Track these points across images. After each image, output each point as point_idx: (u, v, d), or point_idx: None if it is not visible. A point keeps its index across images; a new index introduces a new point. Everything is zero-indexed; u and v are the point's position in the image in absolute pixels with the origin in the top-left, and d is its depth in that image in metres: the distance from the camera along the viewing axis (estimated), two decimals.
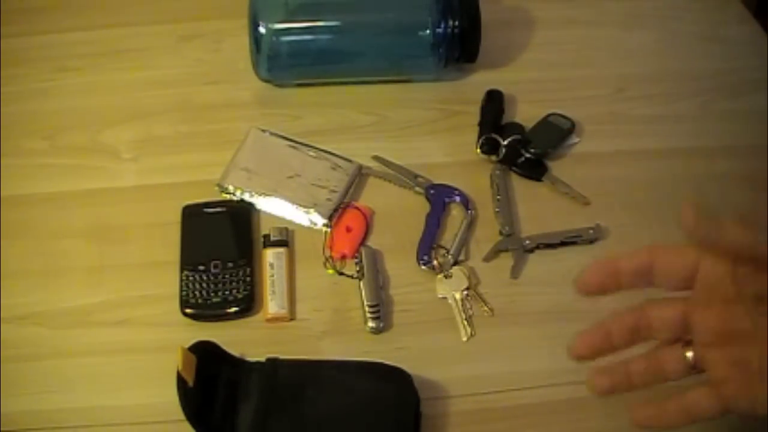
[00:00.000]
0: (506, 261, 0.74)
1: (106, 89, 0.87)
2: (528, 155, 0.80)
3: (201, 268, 0.71)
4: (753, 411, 0.44)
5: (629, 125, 0.85)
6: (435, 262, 0.73)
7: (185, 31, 0.92)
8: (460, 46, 0.83)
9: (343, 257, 0.74)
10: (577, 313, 0.70)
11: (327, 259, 0.73)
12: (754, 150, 0.81)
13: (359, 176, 0.79)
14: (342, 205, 0.76)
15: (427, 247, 0.74)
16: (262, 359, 0.64)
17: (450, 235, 0.75)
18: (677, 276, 0.46)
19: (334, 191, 0.77)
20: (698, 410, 0.46)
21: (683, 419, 0.47)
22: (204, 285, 0.70)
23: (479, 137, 0.81)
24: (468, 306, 0.71)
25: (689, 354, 0.47)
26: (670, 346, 0.48)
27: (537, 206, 0.78)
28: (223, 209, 0.75)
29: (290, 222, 0.76)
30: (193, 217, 0.75)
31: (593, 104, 0.86)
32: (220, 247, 0.73)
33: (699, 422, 0.46)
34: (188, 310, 0.69)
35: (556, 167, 0.80)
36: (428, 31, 0.82)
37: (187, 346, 0.62)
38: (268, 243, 0.73)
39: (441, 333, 0.69)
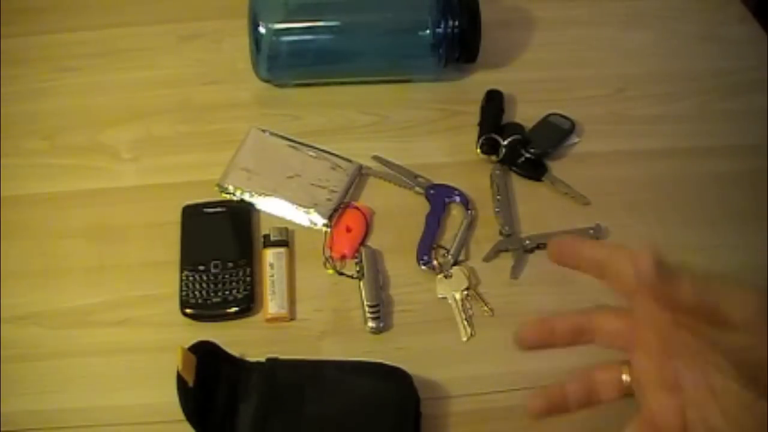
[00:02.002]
0: (506, 261, 0.74)
1: (106, 89, 0.87)
2: (528, 155, 0.80)
3: (201, 268, 0.71)
4: None
5: (629, 125, 0.85)
6: (435, 262, 0.73)
7: (185, 31, 0.92)
8: (460, 46, 0.83)
9: (343, 257, 0.74)
10: None
11: (327, 259, 0.73)
12: (754, 150, 0.81)
13: (359, 176, 0.79)
14: (342, 205, 0.76)
15: (427, 247, 0.74)
16: (262, 359, 0.64)
17: (450, 235, 0.75)
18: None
19: (334, 191, 0.77)
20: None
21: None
22: (204, 285, 0.70)
23: (479, 137, 0.81)
24: (468, 306, 0.71)
25: (625, 377, 0.47)
26: (606, 368, 0.48)
27: (537, 206, 0.78)
28: (223, 209, 0.75)
29: (290, 222, 0.76)
30: (193, 217, 0.75)
31: (593, 104, 0.86)
32: (220, 247, 0.73)
33: None
34: (188, 310, 0.69)
35: (556, 167, 0.80)
36: (428, 31, 0.82)
37: (187, 346, 0.62)
38: (268, 243, 0.73)
39: (441, 333, 0.69)
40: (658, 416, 0.44)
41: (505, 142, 0.80)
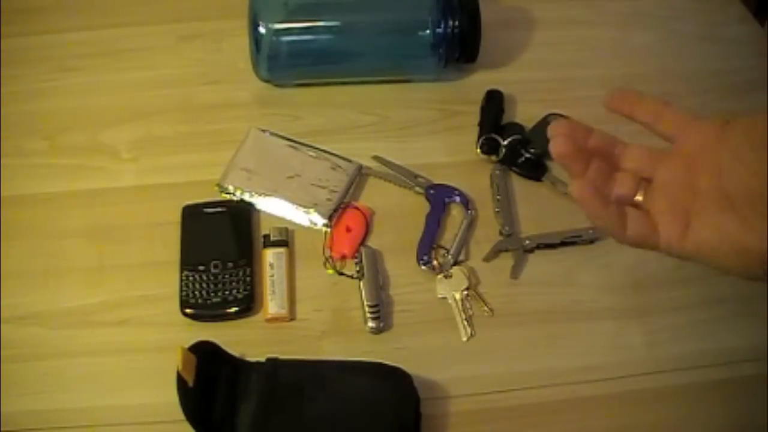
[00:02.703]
0: (506, 261, 0.74)
1: (106, 89, 0.87)
2: (528, 155, 0.80)
3: (201, 268, 0.71)
4: (678, 246, 0.47)
5: (629, 125, 0.84)
6: (435, 262, 0.73)
7: (185, 31, 0.92)
8: (460, 46, 0.83)
9: (343, 257, 0.74)
10: (577, 313, 0.71)
11: (327, 259, 0.73)
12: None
13: (359, 176, 0.79)
14: (342, 205, 0.76)
15: (427, 247, 0.74)
16: (262, 359, 0.64)
17: (450, 235, 0.75)
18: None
19: (334, 191, 0.77)
20: (629, 222, 0.48)
21: (613, 218, 0.48)
22: (204, 285, 0.70)
23: (479, 137, 0.81)
24: (468, 306, 0.71)
25: (639, 197, 0.50)
26: (629, 174, 0.51)
27: (537, 206, 0.78)
28: (223, 209, 0.75)
29: (290, 222, 0.76)
30: (193, 217, 0.75)
31: (593, 104, 0.86)
32: (220, 247, 0.73)
33: (619, 236, 0.49)
34: (188, 310, 0.69)
35: (556, 167, 0.80)
36: (428, 31, 0.82)
37: (187, 346, 0.62)
38: (268, 243, 0.73)
39: (441, 333, 0.69)
40: (662, 215, 0.48)
41: (505, 142, 0.80)
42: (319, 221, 0.75)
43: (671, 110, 0.52)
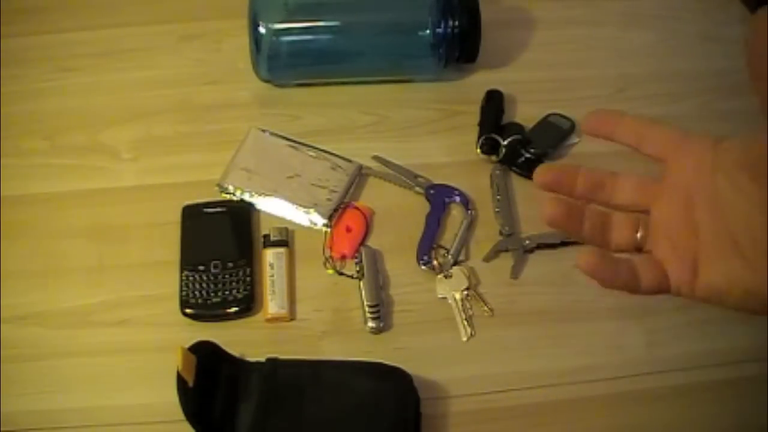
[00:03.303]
0: (506, 261, 0.74)
1: (106, 89, 0.87)
2: (528, 155, 0.80)
3: (201, 268, 0.71)
4: (692, 288, 0.45)
5: None
6: (435, 262, 0.73)
7: (185, 31, 0.92)
8: (460, 46, 0.83)
9: (343, 257, 0.74)
10: (577, 313, 0.71)
11: (327, 259, 0.73)
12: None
13: (359, 176, 0.79)
14: (342, 205, 0.76)
15: (427, 247, 0.74)
16: (262, 359, 0.64)
17: (450, 235, 0.75)
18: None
19: (334, 191, 0.77)
20: (641, 277, 0.46)
21: (625, 278, 0.46)
22: (204, 285, 0.70)
23: (479, 137, 0.81)
24: (468, 306, 0.71)
25: (639, 233, 0.47)
26: (625, 216, 0.48)
27: (537, 206, 0.77)
28: (223, 209, 0.75)
29: (290, 222, 0.76)
30: (193, 217, 0.75)
31: (593, 104, 0.85)
32: (220, 247, 0.73)
33: (634, 292, 0.47)
34: (188, 310, 0.69)
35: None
36: (428, 31, 0.81)
37: (187, 346, 0.62)
38: (268, 243, 0.73)
39: (441, 333, 0.69)
40: (668, 262, 0.45)
41: (505, 142, 0.80)
42: (319, 221, 0.75)
43: (656, 130, 0.48)
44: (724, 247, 0.43)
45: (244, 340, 0.68)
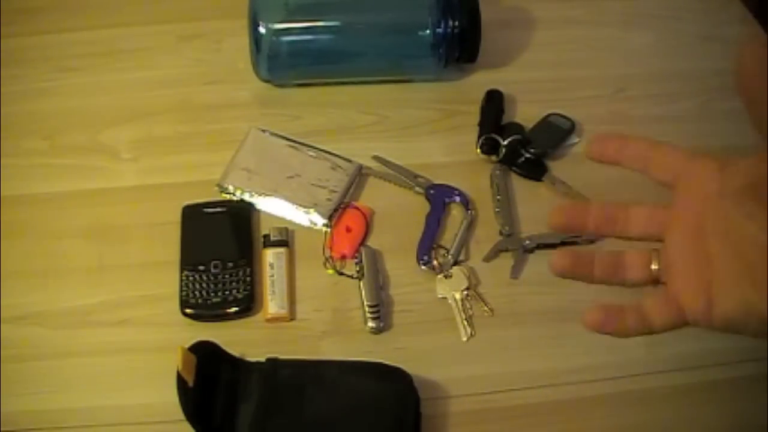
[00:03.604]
0: (506, 261, 0.74)
1: (106, 89, 0.87)
2: (528, 155, 0.80)
3: (201, 268, 0.71)
4: (707, 318, 0.44)
5: (629, 125, 0.85)
6: (435, 262, 0.73)
7: (185, 31, 0.92)
8: (460, 46, 0.83)
9: (343, 257, 0.74)
10: (577, 313, 0.71)
11: (327, 259, 0.73)
12: (754, 150, 0.80)
13: (359, 176, 0.79)
14: (342, 205, 0.76)
15: (427, 247, 0.74)
16: (262, 359, 0.64)
17: (450, 235, 0.75)
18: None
19: (334, 191, 0.77)
20: (653, 320, 0.46)
21: (636, 326, 0.46)
22: (204, 285, 0.70)
23: (479, 137, 0.81)
24: (468, 306, 0.71)
25: (654, 266, 0.47)
26: (638, 252, 0.48)
27: (537, 206, 0.78)
28: (223, 209, 0.75)
29: (290, 222, 0.76)
30: (193, 217, 0.75)
31: (593, 104, 0.86)
32: (220, 247, 0.73)
33: (649, 333, 0.46)
34: (188, 310, 0.69)
35: (556, 167, 0.80)
36: (428, 31, 0.81)
37: (187, 346, 0.62)
38: (268, 243, 0.73)
39: (441, 333, 0.69)
40: (685, 293, 0.45)
41: (505, 142, 0.80)
42: (319, 221, 0.75)
43: (661, 152, 0.47)
44: (737, 275, 0.42)
45: (244, 340, 0.68)
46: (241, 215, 0.75)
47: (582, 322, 0.47)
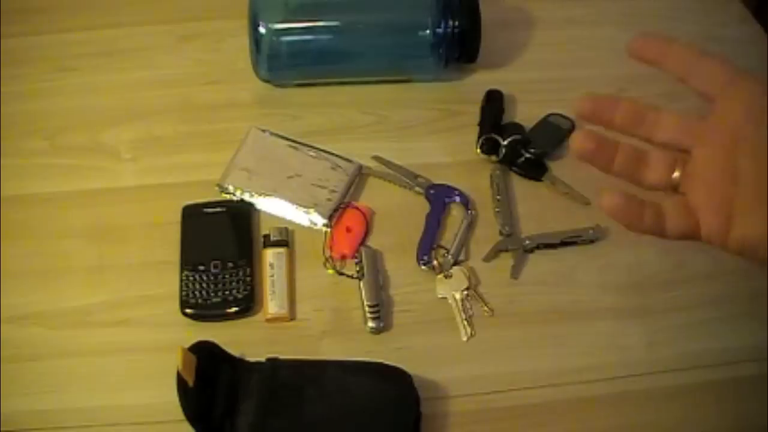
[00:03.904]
0: (506, 261, 0.74)
1: (106, 89, 0.87)
2: (528, 155, 0.80)
3: (201, 268, 0.71)
4: (723, 237, 0.43)
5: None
6: (435, 262, 0.73)
7: (185, 31, 0.92)
8: (460, 46, 0.83)
9: (343, 257, 0.74)
10: (577, 313, 0.71)
11: (327, 259, 0.73)
12: None
13: (359, 176, 0.79)
14: (342, 205, 0.76)
15: (427, 247, 0.74)
16: (262, 359, 0.64)
17: (450, 235, 0.75)
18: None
19: (334, 191, 0.77)
20: (668, 223, 0.45)
21: (650, 222, 0.45)
22: (204, 285, 0.70)
23: (479, 137, 0.81)
24: (468, 306, 0.71)
25: (676, 173, 0.46)
26: (663, 154, 0.47)
27: (537, 206, 0.78)
28: (223, 209, 0.75)
29: (290, 222, 0.76)
30: (193, 217, 0.75)
31: None
32: (220, 247, 0.73)
33: (660, 236, 0.45)
34: (188, 310, 0.69)
35: (556, 167, 0.80)
36: (428, 31, 0.81)
37: (187, 346, 0.62)
38: (268, 243, 0.73)
39: (441, 333, 0.69)
40: (703, 209, 0.44)
41: (505, 142, 0.80)
42: (319, 221, 0.75)
43: (707, 62, 0.46)
44: (762, 198, 0.41)
45: (244, 340, 0.68)
46: (241, 215, 0.75)
47: (599, 204, 0.45)
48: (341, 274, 0.72)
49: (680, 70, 0.46)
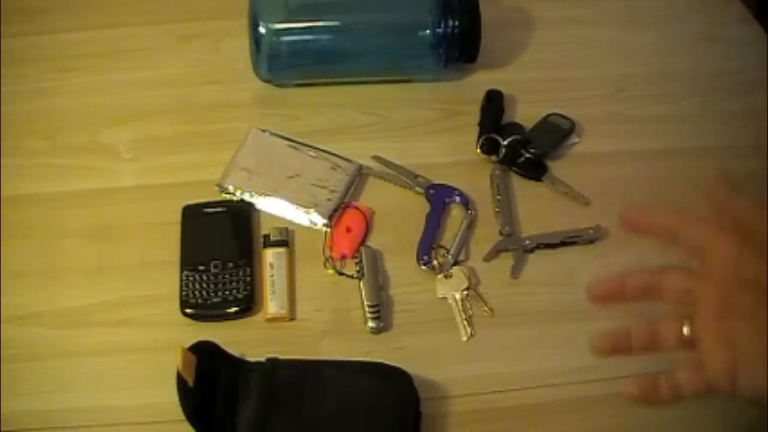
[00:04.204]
0: (506, 261, 0.74)
1: (106, 89, 0.87)
2: (528, 155, 0.80)
3: (201, 268, 0.71)
4: (733, 391, 0.46)
5: (629, 125, 0.85)
6: (435, 262, 0.73)
7: (185, 31, 0.92)
8: (460, 46, 0.83)
9: (343, 257, 0.73)
10: (577, 313, 0.71)
11: (327, 259, 0.73)
12: (755, 150, 0.80)
13: (359, 176, 0.79)
14: (342, 205, 0.76)
15: (427, 247, 0.74)
16: (262, 359, 0.64)
17: (450, 235, 0.75)
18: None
19: (334, 191, 0.77)
20: (685, 388, 0.48)
21: (671, 396, 0.48)
22: (204, 285, 0.70)
23: (479, 137, 0.81)
24: (468, 306, 0.71)
25: (686, 330, 0.49)
26: (670, 319, 0.50)
27: (537, 206, 0.78)
28: (223, 209, 0.75)
29: (290, 222, 0.76)
30: (193, 217, 0.75)
31: (593, 104, 0.86)
32: (220, 247, 0.73)
33: (684, 399, 0.48)
34: (188, 310, 0.69)
35: (556, 167, 0.80)
36: (428, 31, 0.82)
37: (187, 346, 0.62)
38: (268, 243, 0.73)
39: (441, 333, 0.69)
40: (711, 369, 0.46)
41: (505, 142, 0.80)
42: (319, 221, 0.75)
43: (687, 224, 0.49)
44: (761, 359, 0.44)
45: (244, 340, 0.67)
46: (241, 215, 0.75)
47: (625, 392, 0.49)
48: (341, 274, 0.72)
49: (667, 239, 0.50)
